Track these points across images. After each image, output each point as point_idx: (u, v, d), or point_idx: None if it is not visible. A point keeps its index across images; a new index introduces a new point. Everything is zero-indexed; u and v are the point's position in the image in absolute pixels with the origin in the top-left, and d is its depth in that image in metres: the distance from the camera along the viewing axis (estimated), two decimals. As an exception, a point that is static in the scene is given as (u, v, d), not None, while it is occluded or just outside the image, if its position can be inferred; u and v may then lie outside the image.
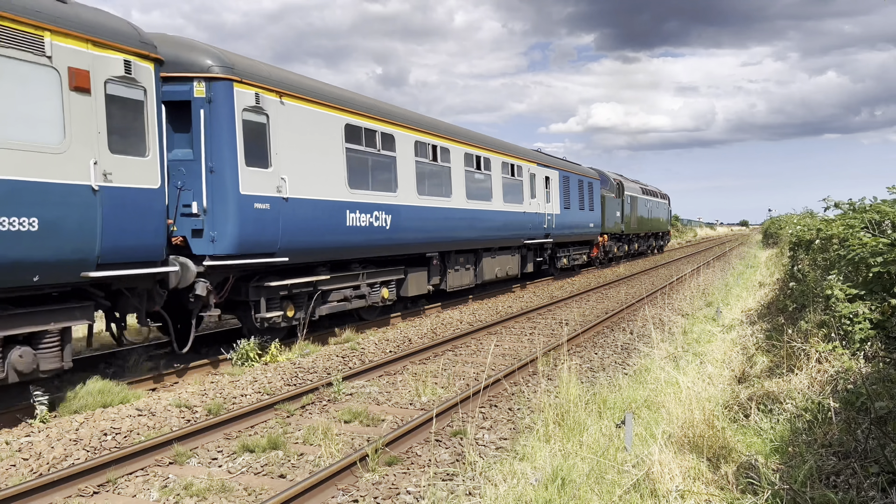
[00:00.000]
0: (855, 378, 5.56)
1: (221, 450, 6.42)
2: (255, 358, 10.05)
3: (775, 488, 4.24)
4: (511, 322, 14.29)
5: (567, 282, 24.02)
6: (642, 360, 9.27)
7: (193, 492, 5.35)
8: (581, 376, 8.25)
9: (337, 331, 12.45)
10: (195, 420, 7.34)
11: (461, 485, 5.31)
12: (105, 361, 9.76)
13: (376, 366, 9.70)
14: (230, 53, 10.02)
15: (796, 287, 10.64)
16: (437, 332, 13.17)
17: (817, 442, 5.04)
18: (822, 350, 6.63)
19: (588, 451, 5.33)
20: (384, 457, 5.94)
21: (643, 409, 6.58)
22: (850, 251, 6.88)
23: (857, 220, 7.88)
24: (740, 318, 12.43)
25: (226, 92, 9.53)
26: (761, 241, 47.00)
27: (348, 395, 8.37)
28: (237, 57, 10.12)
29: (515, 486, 4.77)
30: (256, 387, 8.72)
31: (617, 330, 13.11)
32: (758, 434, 5.77)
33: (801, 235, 13.23)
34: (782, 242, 25.15)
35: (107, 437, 6.69)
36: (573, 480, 4.75)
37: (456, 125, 17.72)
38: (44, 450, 6.27)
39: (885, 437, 4.49)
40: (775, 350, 7.95)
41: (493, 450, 6.30)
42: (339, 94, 12.29)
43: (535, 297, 19.44)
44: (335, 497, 5.30)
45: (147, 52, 8.26)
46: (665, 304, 16.04)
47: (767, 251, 33.58)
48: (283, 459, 6.09)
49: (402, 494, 5.32)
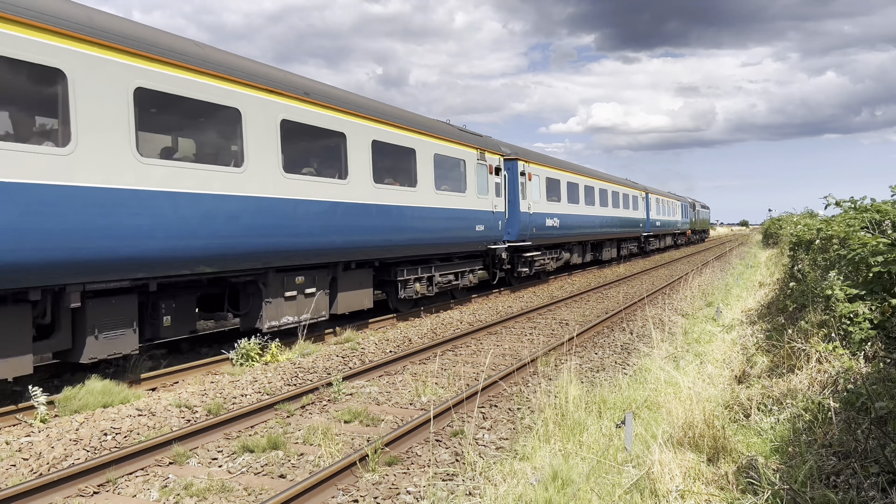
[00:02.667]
0: (855, 378, 5.55)
1: (221, 450, 6.41)
2: (256, 358, 10.06)
3: (775, 488, 4.24)
4: (511, 322, 14.29)
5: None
6: (642, 360, 9.27)
7: (193, 492, 5.35)
8: (581, 376, 8.26)
9: (337, 330, 12.46)
10: (195, 420, 7.34)
11: (461, 485, 5.31)
12: (105, 361, 9.76)
13: (376, 366, 9.70)
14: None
15: (796, 287, 10.64)
16: (437, 332, 13.17)
17: (817, 442, 5.04)
18: (822, 350, 6.63)
19: (588, 451, 5.33)
20: (384, 457, 5.94)
21: (643, 409, 6.58)
22: (850, 251, 6.88)
23: (858, 219, 7.87)
24: (740, 318, 12.43)
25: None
26: (761, 241, 47.00)
27: (348, 395, 8.37)
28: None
29: (515, 486, 4.77)
30: (256, 387, 8.73)
31: (617, 330, 13.11)
32: (758, 434, 5.76)
33: (801, 235, 13.23)
34: (782, 242, 25.15)
35: (107, 437, 6.69)
36: (573, 480, 4.75)
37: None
38: (44, 450, 6.27)
39: (885, 437, 4.49)
40: (775, 350, 7.94)
41: (493, 450, 6.29)
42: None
43: (536, 297, 19.45)
44: (335, 497, 5.30)
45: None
46: (665, 304, 16.04)
47: (767, 251, 33.59)
48: (283, 459, 6.09)
49: (402, 494, 5.32)
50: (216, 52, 9.73)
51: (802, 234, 13.13)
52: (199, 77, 9.05)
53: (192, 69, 8.95)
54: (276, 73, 10.79)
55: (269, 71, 10.65)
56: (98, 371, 8.70)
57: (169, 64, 8.60)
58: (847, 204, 8.56)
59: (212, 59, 9.40)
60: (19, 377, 7.22)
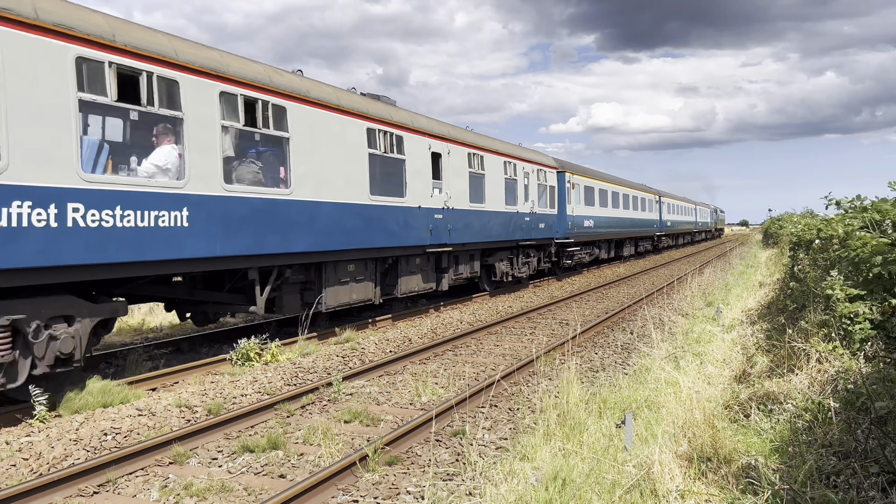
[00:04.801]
0: (855, 378, 5.55)
1: (221, 450, 6.41)
2: (256, 358, 10.06)
3: (775, 488, 4.24)
4: (511, 322, 14.29)
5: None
6: (642, 359, 9.27)
7: (193, 492, 5.35)
8: (581, 376, 8.25)
9: (337, 330, 12.46)
10: (195, 420, 7.34)
11: (461, 485, 5.31)
12: (105, 361, 9.78)
13: (376, 366, 9.70)
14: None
15: (796, 287, 10.64)
16: (437, 332, 13.17)
17: (817, 442, 5.04)
18: (822, 350, 6.63)
19: (588, 451, 5.32)
20: (384, 457, 5.94)
21: (643, 409, 6.58)
22: (850, 251, 6.88)
23: (858, 219, 7.87)
24: (740, 318, 12.43)
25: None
26: (761, 241, 47.01)
27: (348, 395, 8.37)
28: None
29: (516, 486, 4.77)
30: (256, 387, 8.73)
31: (617, 330, 13.11)
32: (758, 434, 5.76)
33: (801, 235, 13.24)
34: (782, 242, 25.16)
35: (107, 437, 6.69)
36: (573, 480, 4.75)
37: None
38: (44, 450, 6.27)
39: (885, 437, 4.49)
40: (775, 350, 7.94)
41: (493, 450, 6.29)
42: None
43: (536, 297, 19.45)
44: (335, 497, 5.30)
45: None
46: (665, 304, 16.04)
47: (767, 251, 33.60)
48: (283, 459, 6.09)
49: (403, 494, 5.32)
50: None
51: (802, 234, 13.14)
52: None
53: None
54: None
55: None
56: (98, 371, 8.71)
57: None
58: (848, 203, 8.53)
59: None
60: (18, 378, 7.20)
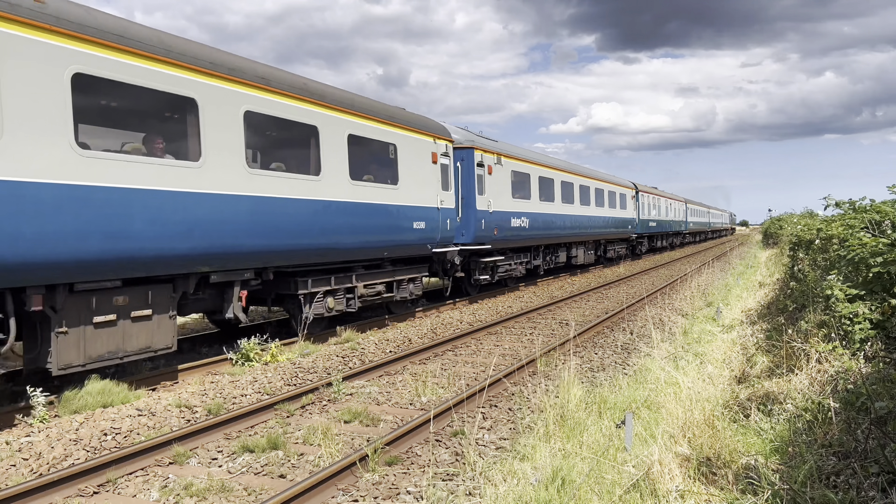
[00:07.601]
0: (855, 378, 5.55)
1: (221, 450, 6.41)
2: (256, 358, 10.05)
3: (775, 488, 4.24)
4: (511, 322, 14.29)
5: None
6: (642, 360, 9.26)
7: (193, 492, 5.35)
8: (581, 376, 8.26)
9: (337, 330, 12.46)
10: (195, 420, 7.34)
11: (461, 485, 5.31)
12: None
13: (376, 366, 9.70)
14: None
15: (796, 287, 10.64)
16: (437, 332, 13.17)
17: (817, 442, 5.04)
18: (822, 350, 6.63)
19: (588, 451, 5.32)
20: (384, 457, 5.94)
21: (643, 409, 6.58)
22: (850, 251, 6.88)
23: (857, 220, 7.87)
24: (740, 318, 12.42)
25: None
26: (761, 241, 47.02)
27: (348, 395, 8.37)
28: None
29: (515, 486, 4.77)
30: (256, 387, 8.73)
31: (617, 330, 13.11)
32: (758, 434, 5.76)
33: (801, 235, 13.25)
34: (782, 242, 25.15)
35: (107, 437, 6.69)
36: (573, 480, 4.75)
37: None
38: (44, 450, 6.27)
39: (885, 437, 4.49)
40: (775, 350, 7.94)
41: (493, 450, 6.29)
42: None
43: (536, 297, 19.45)
44: (335, 497, 5.30)
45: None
46: (665, 304, 16.04)
47: (767, 251, 33.61)
48: (283, 459, 6.09)
49: (403, 494, 5.32)
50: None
51: (802, 235, 13.15)
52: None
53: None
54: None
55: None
56: (98, 371, 8.69)
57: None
58: (846, 205, 8.58)
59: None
60: (16, 378, 7.21)
